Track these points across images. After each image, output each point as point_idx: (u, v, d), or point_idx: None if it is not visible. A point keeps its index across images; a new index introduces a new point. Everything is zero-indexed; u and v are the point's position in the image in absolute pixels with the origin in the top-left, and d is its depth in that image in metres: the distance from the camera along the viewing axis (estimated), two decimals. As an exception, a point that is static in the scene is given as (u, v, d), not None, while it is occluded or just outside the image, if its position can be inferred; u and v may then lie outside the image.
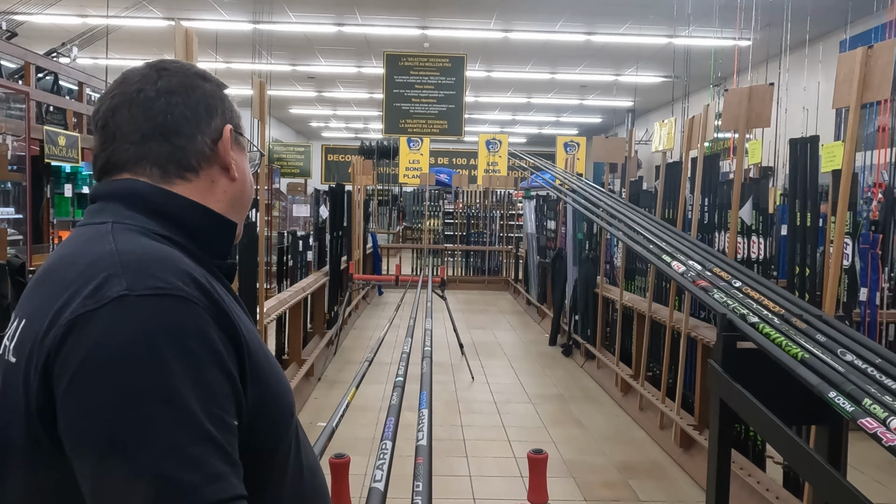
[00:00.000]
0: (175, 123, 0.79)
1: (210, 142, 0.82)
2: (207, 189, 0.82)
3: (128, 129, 0.79)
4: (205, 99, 0.83)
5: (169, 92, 0.80)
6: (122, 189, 0.79)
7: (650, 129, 14.59)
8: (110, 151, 0.80)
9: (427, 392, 1.91)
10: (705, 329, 3.55)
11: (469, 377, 5.31)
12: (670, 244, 2.99)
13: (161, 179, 0.79)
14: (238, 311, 0.78)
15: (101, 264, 0.68)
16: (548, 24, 9.67)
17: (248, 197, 0.88)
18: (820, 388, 1.68)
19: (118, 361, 0.62)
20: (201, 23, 9.45)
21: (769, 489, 2.92)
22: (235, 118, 0.87)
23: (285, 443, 0.80)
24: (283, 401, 0.80)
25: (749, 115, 3.15)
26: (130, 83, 0.81)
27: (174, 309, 0.66)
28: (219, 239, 0.83)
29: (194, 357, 0.65)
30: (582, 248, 6.00)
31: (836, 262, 2.43)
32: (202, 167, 0.81)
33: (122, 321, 0.64)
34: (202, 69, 0.87)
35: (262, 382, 0.75)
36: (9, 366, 0.71)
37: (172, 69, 0.83)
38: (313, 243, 6.30)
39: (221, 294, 0.74)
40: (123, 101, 0.79)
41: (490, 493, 3.24)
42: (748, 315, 2.16)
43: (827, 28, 8.83)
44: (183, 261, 0.73)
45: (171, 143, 0.79)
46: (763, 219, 3.40)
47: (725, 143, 9.64)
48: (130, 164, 0.79)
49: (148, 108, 0.79)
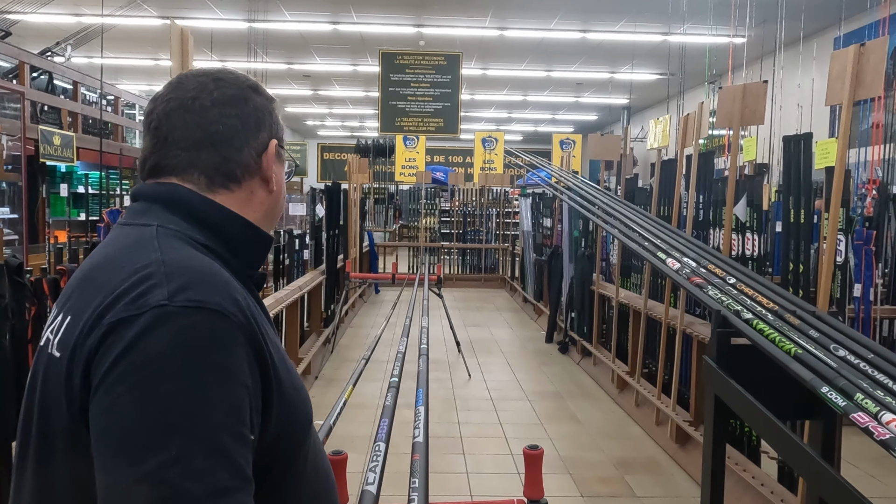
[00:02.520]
0: (226, 135, 0.82)
1: (256, 154, 0.85)
2: (246, 200, 0.85)
3: (180, 135, 0.81)
4: (255, 112, 0.86)
5: (223, 103, 0.83)
6: (166, 193, 0.81)
7: (646, 127, 14.62)
8: (161, 155, 0.82)
9: (423, 389, 1.92)
10: (700, 326, 3.57)
11: (466, 374, 5.33)
12: (665, 241, 3.01)
13: (206, 188, 0.82)
14: (265, 322, 0.80)
15: (146, 272, 0.71)
16: (543, 22, 9.68)
17: (280, 208, 0.92)
18: (813, 383, 1.70)
19: (146, 368, 0.65)
20: (196, 21, 9.43)
21: (764, 484, 2.94)
22: (280, 132, 0.90)
23: (303, 450, 0.83)
24: (303, 413, 0.83)
25: (743, 113, 3.17)
26: (186, 90, 0.83)
27: (208, 323, 0.68)
28: (254, 252, 0.86)
29: (219, 371, 0.67)
30: (578, 245, 6.02)
31: (830, 258, 2.45)
32: (245, 178, 0.84)
33: (157, 330, 0.66)
34: (255, 82, 0.90)
35: (285, 401, 0.77)
36: (52, 359, 0.74)
37: (228, 80, 0.86)
38: (310, 242, 6.30)
39: (254, 310, 0.76)
40: (178, 107, 0.82)
41: (487, 489, 3.26)
42: (742, 311, 2.18)
43: (821, 25, 8.86)
44: (223, 275, 0.75)
45: (221, 154, 0.82)
46: (757, 215, 3.42)
47: (721, 140, 9.67)
48: (179, 170, 0.82)
49: (202, 116, 0.82)
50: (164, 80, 3.33)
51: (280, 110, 0.94)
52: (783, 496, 2.83)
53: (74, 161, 7.74)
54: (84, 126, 9.02)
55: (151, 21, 9.63)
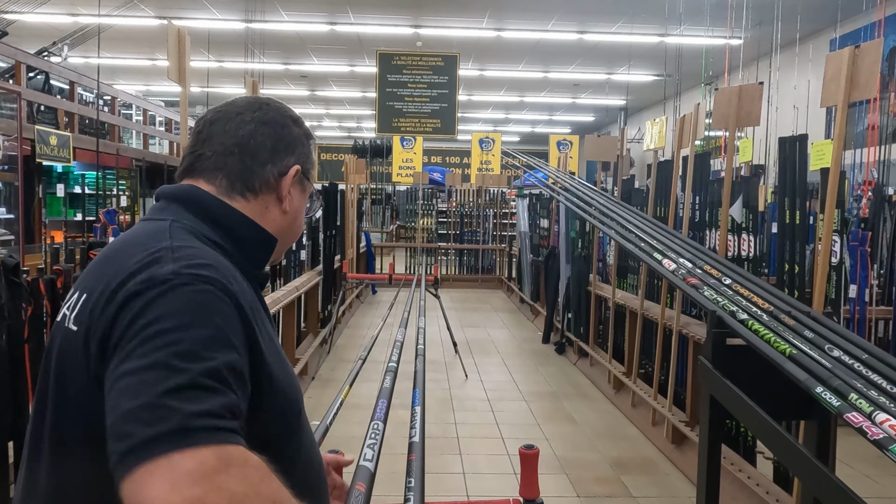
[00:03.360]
0: (255, 148, 0.92)
1: (277, 174, 0.93)
2: (260, 212, 0.93)
3: (217, 139, 0.92)
4: (288, 139, 0.95)
5: (262, 122, 0.93)
6: (185, 193, 0.90)
7: (642, 128, 14.64)
8: (195, 156, 0.92)
9: (420, 390, 1.93)
10: (696, 326, 3.58)
11: (463, 375, 5.33)
12: (662, 242, 3.02)
13: (226, 192, 0.91)
14: (263, 317, 0.87)
15: (156, 255, 0.78)
16: (540, 23, 9.69)
17: (294, 233, 1.00)
18: (807, 383, 1.71)
19: (153, 326, 0.72)
20: (193, 22, 9.42)
21: (759, 484, 2.95)
22: (308, 164, 0.99)
23: (295, 440, 0.88)
24: (294, 402, 0.88)
25: (739, 114, 3.18)
26: (236, 106, 0.95)
27: (209, 293, 0.76)
28: (260, 252, 0.94)
29: (217, 330, 0.74)
30: (575, 246, 6.03)
31: (825, 259, 2.46)
32: (262, 192, 0.92)
33: (163, 297, 0.74)
34: (298, 116, 1.01)
35: (276, 387, 0.83)
36: (69, 332, 0.81)
37: (273, 107, 0.96)
38: (306, 242, 6.30)
39: (252, 302, 0.83)
40: (223, 118, 0.93)
41: (483, 489, 3.26)
42: (738, 312, 2.19)
43: (817, 27, 8.89)
44: (226, 264, 0.82)
45: (245, 163, 0.91)
46: (753, 216, 3.43)
47: (717, 142, 9.70)
48: (207, 172, 0.91)
49: (239, 128, 0.92)
50: (162, 80, 3.40)
51: (315, 149, 1.03)
52: (779, 496, 2.84)
53: (71, 161, 7.72)
54: (81, 126, 9.00)
55: (148, 21, 9.62)
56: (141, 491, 0.63)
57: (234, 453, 0.66)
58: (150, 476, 0.63)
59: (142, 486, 0.63)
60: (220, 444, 0.66)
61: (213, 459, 0.64)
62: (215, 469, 0.64)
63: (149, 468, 0.63)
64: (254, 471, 0.67)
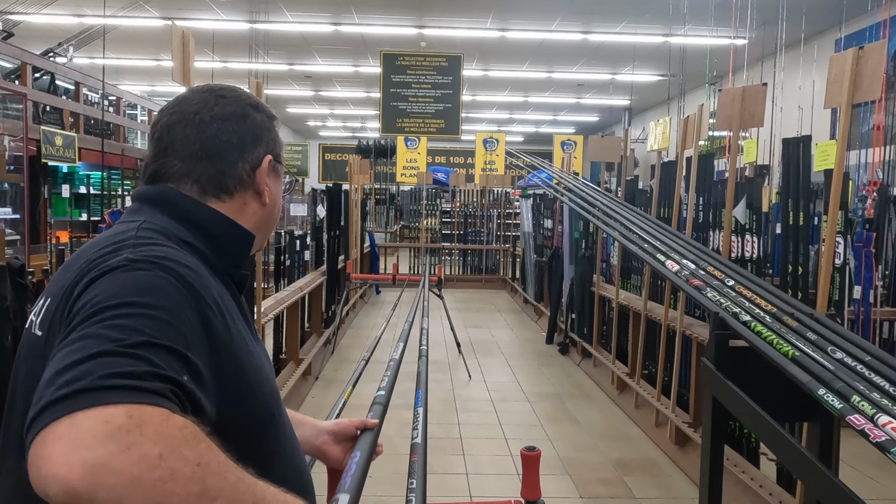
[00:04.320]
0: (221, 148, 0.88)
1: (249, 168, 0.91)
2: (238, 210, 0.90)
3: (180, 146, 0.88)
4: (253, 128, 0.92)
5: (222, 119, 0.89)
6: (157, 194, 0.87)
7: (647, 128, 14.62)
8: (160, 164, 0.88)
9: (423, 391, 1.93)
10: (700, 327, 3.57)
11: (466, 375, 5.34)
12: (665, 243, 3.01)
13: (198, 196, 0.88)
14: (234, 314, 0.83)
15: (118, 246, 0.77)
16: (544, 23, 9.69)
17: (274, 220, 0.98)
18: (810, 385, 1.71)
19: (101, 300, 0.69)
20: (198, 22, 9.44)
21: (762, 486, 2.95)
22: (277, 148, 0.96)
23: (266, 441, 0.84)
24: (262, 399, 0.83)
25: (742, 115, 3.17)
26: (190, 104, 0.90)
27: (162, 277, 0.73)
28: (237, 249, 0.91)
29: (163, 310, 0.69)
30: (578, 246, 6.03)
31: (828, 260, 2.45)
32: (237, 190, 0.90)
33: (114, 276, 0.72)
34: (257, 100, 0.95)
35: (243, 378, 0.79)
36: (35, 339, 0.78)
37: (230, 97, 0.92)
38: (310, 243, 6.31)
39: (215, 294, 0.79)
40: (180, 120, 0.88)
41: (486, 490, 3.27)
42: (740, 313, 2.18)
43: (822, 27, 8.87)
44: (187, 261, 0.79)
45: (215, 167, 0.88)
46: (756, 217, 3.43)
47: (721, 142, 9.68)
48: (175, 179, 0.88)
49: (200, 130, 0.88)
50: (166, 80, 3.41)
51: (279, 127, 0.99)
52: (782, 498, 2.84)
53: (76, 161, 7.75)
54: (86, 127, 9.03)
55: (153, 22, 9.64)
56: (40, 454, 0.56)
57: (151, 413, 0.59)
58: (50, 437, 0.56)
59: (41, 449, 0.56)
60: (135, 404, 0.59)
61: (122, 418, 0.57)
62: (124, 428, 0.57)
63: (51, 429, 0.57)
64: (176, 431, 0.59)
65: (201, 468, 0.59)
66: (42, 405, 0.58)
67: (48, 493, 0.55)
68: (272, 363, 1.00)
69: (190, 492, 0.57)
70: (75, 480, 0.54)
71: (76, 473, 0.54)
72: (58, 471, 0.55)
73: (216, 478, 0.60)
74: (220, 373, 0.75)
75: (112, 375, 0.60)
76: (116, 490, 0.55)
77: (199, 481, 0.58)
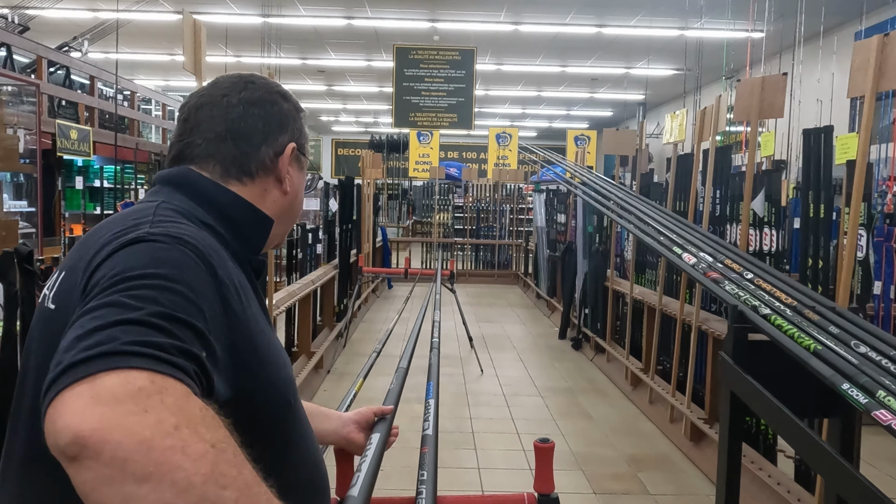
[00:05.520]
0: (246, 131, 0.88)
1: (273, 154, 0.90)
2: (259, 195, 0.89)
3: (206, 126, 0.87)
4: (280, 115, 0.91)
5: (250, 103, 0.89)
6: (177, 176, 0.86)
7: (661, 123, 14.49)
8: (185, 143, 0.88)
9: (434, 383, 1.90)
10: (716, 322, 3.52)
11: (478, 370, 5.31)
12: (681, 236, 2.96)
13: (220, 178, 0.87)
14: (250, 299, 0.81)
15: (137, 222, 0.75)
16: (558, 17, 9.61)
17: (296, 212, 0.97)
18: (833, 379, 1.66)
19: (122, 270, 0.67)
20: (211, 16, 9.46)
21: (780, 483, 2.89)
22: (303, 139, 0.95)
23: (284, 429, 0.82)
24: (281, 387, 0.82)
25: (762, 106, 3.11)
26: (220, 87, 0.90)
27: (181, 252, 0.71)
28: (256, 234, 0.89)
29: (184, 284, 0.67)
30: (592, 241, 5.97)
31: (850, 253, 2.39)
32: (259, 175, 0.89)
33: (134, 249, 0.70)
34: (285, 90, 0.95)
35: (263, 359, 0.78)
36: (48, 312, 0.76)
37: (259, 84, 0.91)
38: (323, 236, 6.30)
39: (234, 277, 0.78)
40: (208, 102, 0.89)
41: (498, 484, 3.24)
42: (760, 307, 2.13)
43: (842, 19, 8.71)
44: (207, 240, 0.77)
45: (239, 148, 0.87)
46: (776, 211, 3.36)
47: (737, 137, 9.56)
48: (199, 159, 0.87)
49: (227, 112, 0.88)
50: (180, 75, 3.40)
51: (306, 120, 0.98)
52: (800, 496, 2.78)
53: (91, 155, 7.79)
54: (100, 121, 9.08)
55: (167, 16, 9.66)
56: (58, 409, 0.54)
57: (174, 385, 0.57)
58: (69, 394, 0.54)
59: (59, 410, 0.54)
60: (159, 373, 0.57)
61: (145, 380, 0.55)
62: (145, 391, 0.55)
63: (71, 390, 0.54)
64: (197, 409, 0.56)
65: (216, 451, 0.55)
66: (62, 367, 0.56)
67: (58, 445, 0.53)
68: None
69: (198, 471, 0.53)
70: (86, 431, 0.52)
71: (88, 425, 0.52)
72: (71, 421, 0.53)
73: (229, 466, 0.56)
74: (237, 354, 0.73)
75: (137, 343, 0.58)
76: (123, 449, 0.52)
77: (211, 463, 0.54)
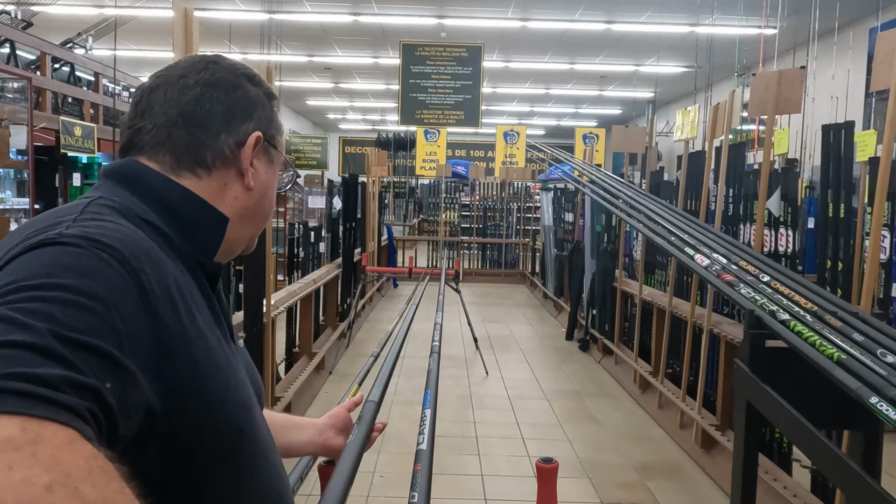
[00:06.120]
0: (203, 116, 0.77)
1: (234, 143, 0.78)
2: (217, 191, 0.78)
3: (157, 109, 0.77)
4: (244, 101, 0.80)
5: (209, 85, 0.78)
6: (121, 169, 0.75)
7: (671, 121, 14.32)
8: (135, 129, 0.77)
9: (432, 391, 1.79)
10: (729, 325, 3.40)
11: (483, 371, 5.20)
12: (693, 236, 2.85)
13: (171, 169, 0.76)
14: (199, 308, 0.70)
15: (57, 221, 0.64)
16: (567, 13, 9.47)
17: (264, 212, 0.84)
18: (860, 392, 1.54)
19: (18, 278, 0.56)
20: (216, 13, 9.38)
21: (796, 495, 2.77)
22: (273, 129, 0.83)
23: (232, 461, 0.70)
24: (227, 410, 0.69)
25: (778, 101, 2.98)
26: (178, 68, 0.80)
27: (98, 254, 0.60)
28: (208, 235, 0.77)
29: (95, 299, 0.56)
30: (600, 240, 5.85)
31: (874, 255, 2.27)
32: (216, 167, 0.77)
33: (39, 253, 0.59)
34: (256, 73, 0.84)
35: (193, 376, 0.65)
36: None
37: (223, 65, 0.81)
38: (326, 234, 6.20)
39: (174, 284, 0.66)
40: (163, 83, 0.78)
41: (501, 493, 3.13)
42: (778, 312, 2.02)
43: (857, 15, 8.54)
44: (144, 241, 0.66)
45: (192, 135, 0.76)
46: (792, 210, 3.23)
47: (749, 135, 9.39)
48: (148, 148, 0.76)
49: (182, 94, 0.77)
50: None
51: (279, 108, 0.86)
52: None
53: (95, 152, 7.73)
54: (105, 118, 9.02)
55: (171, 13, 9.59)
56: None
57: (53, 432, 0.46)
58: None
59: None
60: (36, 417, 0.47)
61: (13, 429, 0.45)
62: (12, 442, 0.45)
63: None
64: (81, 461, 0.46)
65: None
66: None
67: None
68: (255, 369, 0.85)
69: None
70: None
71: None
72: None
73: None
74: (169, 375, 0.61)
75: (14, 376, 0.47)
76: None
77: None
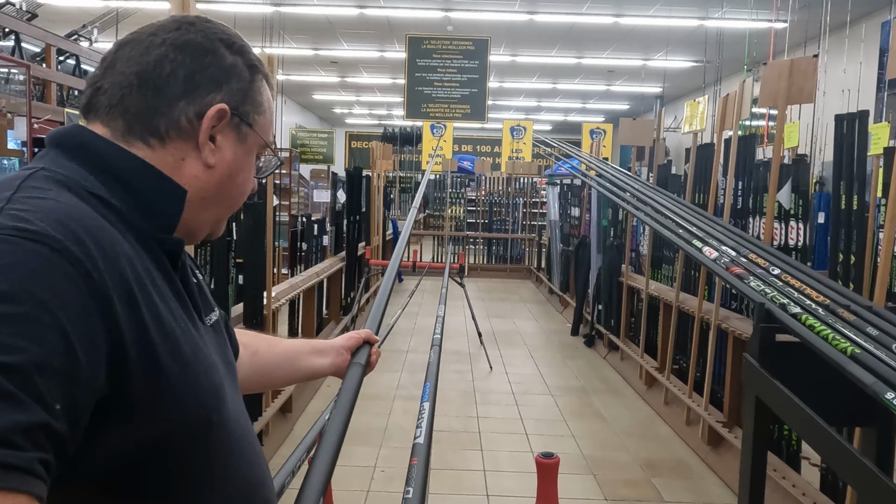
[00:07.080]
0: (160, 79, 0.69)
1: (194, 114, 0.70)
2: (172, 164, 0.70)
3: (119, 67, 0.70)
4: (214, 68, 0.71)
5: (176, 46, 0.70)
6: (66, 136, 0.69)
7: (679, 116, 14.21)
8: (93, 90, 0.70)
9: (432, 384, 1.74)
10: (736, 320, 3.34)
11: (487, 367, 5.15)
12: (701, 229, 2.78)
13: (122, 136, 0.69)
14: (160, 293, 0.64)
15: None
16: (574, 6, 9.39)
17: (232, 196, 0.76)
18: (875, 387, 1.48)
19: None
20: (221, 5, 9.34)
21: (805, 493, 2.71)
22: (247, 104, 0.74)
23: (202, 453, 0.66)
24: (194, 398, 0.64)
25: (790, 91, 2.92)
26: (153, 26, 0.72)
27: (33, 251, 0.54)
28: (165, 208, 0.70)
29: (32, 301, 0.52)
30: (606, 235, 5.79)
31: (888, 248, 2.21)
32: (170, 138, 0.70)
33: None
34: (239, 41, 0.75)
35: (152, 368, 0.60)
36: None
37: (199, 26, 0.72)
38: (330, 228, 6.16)
39: (127, 268, 0.60)
40: (132, 41, 0.71)
41: (504, 489, 3.08)
42: (789, 305, 1.96)
43: (869, 8, 8.43)
44: (85, 220, 0.59)
45: (145, 99, 0.69)
46: (803, 202, 3.17)
47: (759, 130, 9.29)
48: (103, 111, 0.69)
49: (146, 53, 0.69)
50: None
51: (265, 83, 0.76)
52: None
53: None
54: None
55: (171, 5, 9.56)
56: None
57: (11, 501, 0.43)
58: None
59: None
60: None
61: None
62: None
63: None
64: None
65: None
66: None
67: None
68: (229, 347, 0.80)
69: None
70: None
71: None
72: None
73: None
74: (129, 369, 0.57)
75: None
76: None
77: None
